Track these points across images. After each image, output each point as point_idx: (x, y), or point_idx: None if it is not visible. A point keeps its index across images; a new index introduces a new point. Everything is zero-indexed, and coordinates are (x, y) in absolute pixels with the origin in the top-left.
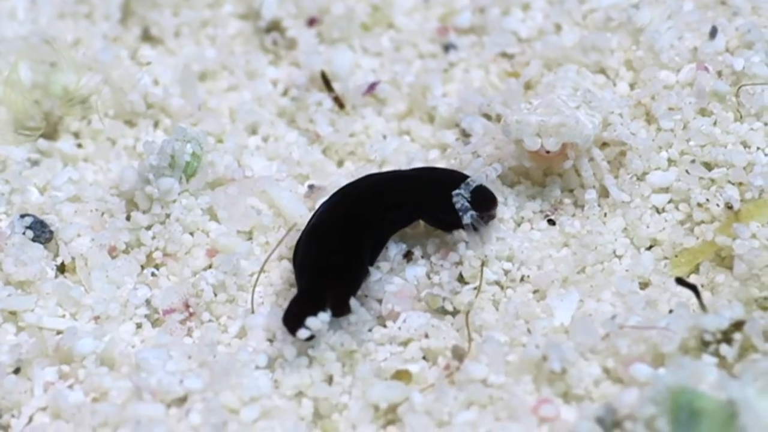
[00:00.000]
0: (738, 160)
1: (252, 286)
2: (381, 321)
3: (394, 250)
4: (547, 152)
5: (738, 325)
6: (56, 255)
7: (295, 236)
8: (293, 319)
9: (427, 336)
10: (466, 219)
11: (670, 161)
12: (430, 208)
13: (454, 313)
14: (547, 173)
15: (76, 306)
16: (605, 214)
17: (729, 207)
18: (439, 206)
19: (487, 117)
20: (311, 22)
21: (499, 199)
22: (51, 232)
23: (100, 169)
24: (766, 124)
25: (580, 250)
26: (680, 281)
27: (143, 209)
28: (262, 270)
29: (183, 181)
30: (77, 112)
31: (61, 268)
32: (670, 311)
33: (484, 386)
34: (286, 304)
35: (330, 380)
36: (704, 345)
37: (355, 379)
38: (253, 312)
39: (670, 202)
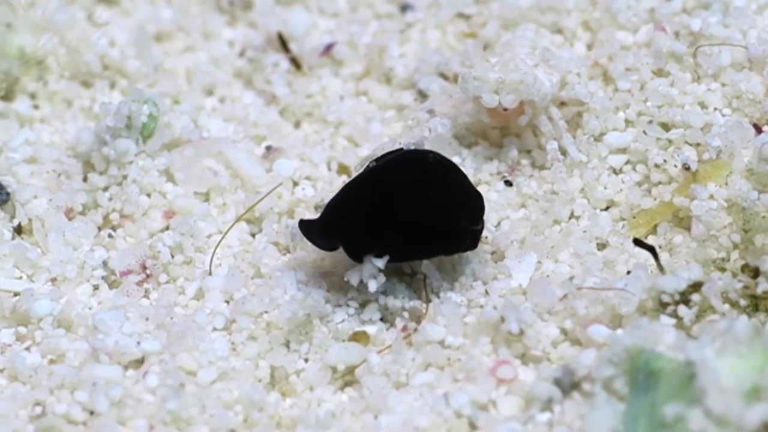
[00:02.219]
0: (695, 121)
1: (211, 248)
2: (337, 282)
3: None
4: (505, 109)
5: (696, 286)
6: (13, 216)
7: (252, 198)
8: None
9: (384, 296)
10: None
11: (627, 122)
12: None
13: (412, 274)
14: (504, 133)
15: (33, 268)
16: (563, 174)
17: (686, 168)
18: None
19: (445, 77)
20: None
21: (456, 160)
22: (7, 194)
23: (56, 130)
24: (723, 85)
25: (537, 211)
26: (638, 242)
27: (100, 171)
28: (224, 235)
29: (140, 142)
30: (34, 73)
31: (18, 230)
32: (628, 272)
33: (441, 348)
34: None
35: (287, 345)
36: (662, 306)
37: (312, 345)
38: (210, 274)
39: (627, 163)
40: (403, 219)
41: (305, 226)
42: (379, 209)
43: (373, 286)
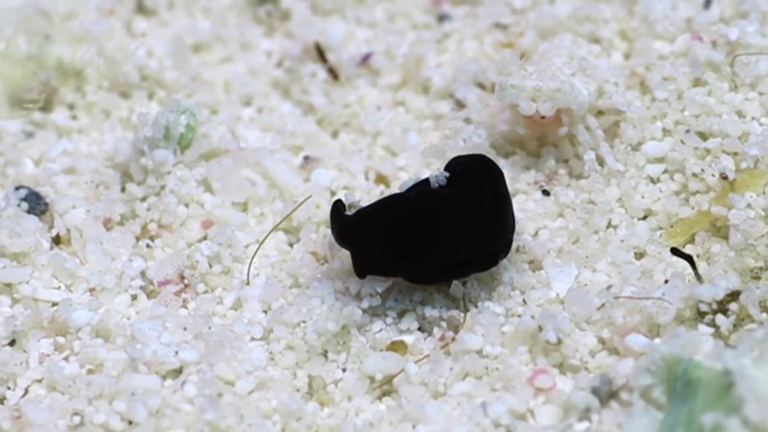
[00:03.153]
0: (733, 129)
1: (248, 258)
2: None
3: None
4: (542, 118)
5: (733, 295)
6: (51, 227)
7: (289, 207)
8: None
9: (422, 306)
10: None
11: (664, 131)
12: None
13: (449, 284)
14: (542, 142)
15: (71, 278)
16: (601, 183)
17: (724, 177)
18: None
19: (482, 87)
20: None
21: None
22: (46, 204)
23: (94, 140)
24: (761, 94)
25: (574, 220)
26: (675, 251)
27: (138, 181)
28: (261, 244)
29: (177, 152)
30: (72, 84)
31: (56, 240)
32: (666, 281)
33: (479, 357)
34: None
35: (325, 354)
36: (700, 315)
37: (350, 354)
38: (248, 283)
39: (665, 172)
40: (433, 249)
41: (339, 210)
42: (410, 234)
43: (365, 304)
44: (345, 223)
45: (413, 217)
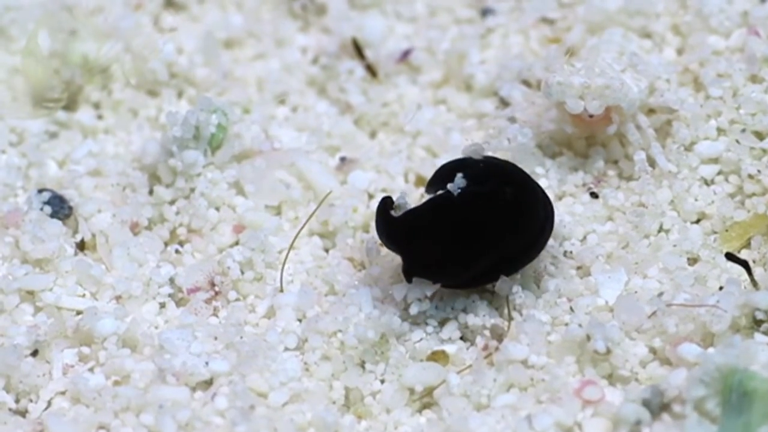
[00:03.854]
0: None
1: (281, 263)
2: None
3: None
4: (590, 116)
5: None
6: (75, 232)
7: (325, 210)
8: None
9: (465, 314)
10: None
11: (719, 130)
12: None
13: (493, 291)
14: (590, 142)
15: (97, 285)
16: (652, 185)
17: None
18: None
19: (527, 84)
20: None
21: (540, 170)
22: (70, 208)
23: (121, 141)
24: None
25: (624, 224)
26: (730, 256)
27: (166, 183)
28: (291, 246)
29: (208, 153)
30: (97, 82)
31: (81, 246)
32: (720, 288)
33: (524, 367)
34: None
35: (363, 365)
36: (756, 323)
37: (388, 365)
38: (282, 291)
39: (719, 173)
40: (486, 247)
41: (387, 210)
42: (460, 238)
43: (414, 309)
44: (393, 224)
45: (466, 217)
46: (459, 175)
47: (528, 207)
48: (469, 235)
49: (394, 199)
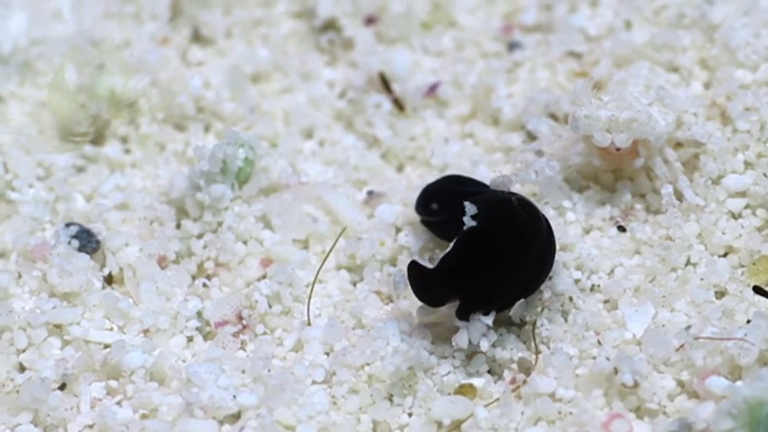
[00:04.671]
0: None
1: (308, 297)
2: (443, 333)
3: None
4: (618, 149)
5: None
6: (103, 265)
7: (352, 244)
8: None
9: (492, 348)
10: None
11: (746, 164)
12: None
13: (521, 324)
14: (618, 176)
15: (124, 318)
16: (679, 219)
17: None
18: None
19: (554, 118)
20: (369, 20)
21: (567, 204)
22: (98, 242)
23: (148, 175)
24: None
25: (651, 257)
26: (758, 290)
27: (194, 217)
28: (316, 279)
29: (235, 187)
30: (125, 116)
31: (109, 279)
32: (748, 321)
33: (552, 401)
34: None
35: (390, 398)
36: None
37: (416, 398)
38: (309, 324)
39: (747, 207)
40: (517, 272)
41: (416, 272)
42: (497, 263)
43: (485, 344)
44: (430, 280)
45: (500, 241)
46: (468, 204)
47: (534, 214)
48: (508, 254)
49: (417, 260)
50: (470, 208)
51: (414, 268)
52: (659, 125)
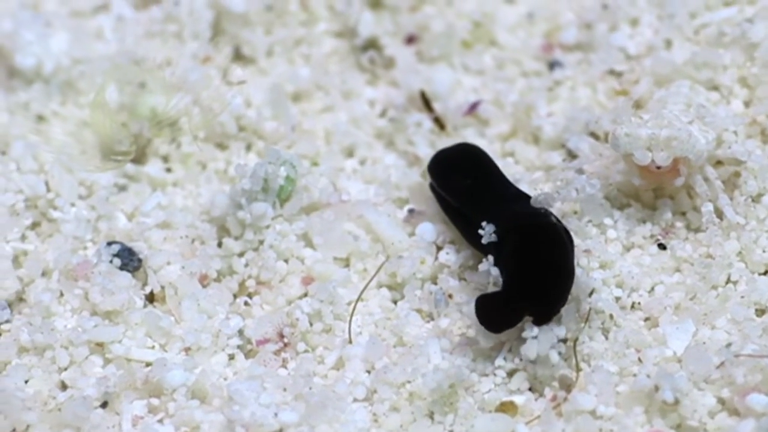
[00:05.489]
0: None
1: (349, 315)
2: (484, 350)
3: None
4: (658, 168)
5: None
6: (145, 284)
7: (393, 262)
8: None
9: (533, 365)
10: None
11: None
12: None
13: (562, 340)
14: (658, 194)
15: (166, 337)
16: (719, 237)
17: None
18: None
19: (595, 136)
20: (410, 39)
21: (608, 222)
22: (139, 260)
23: (190, 194)
24: None
25: (692, 275)
26: None
27: (235, 235)
28: (359, 299)
29: (277, 205)
30: (166, 135)
31: (150, 298)
32: None
33: (593, 418)
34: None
35: (431, 416)
36: None
37: (457, 416)
38: (350, 342)
39: None
40: (570, 273)
41: (486, 302)
42: (553, 271)
43: (555, 356)
44: (501, 305)
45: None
46: (486, 226)
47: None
48: (558, 259)
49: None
50: (489, 228)
51: (484, 301)
52: (699, 143)
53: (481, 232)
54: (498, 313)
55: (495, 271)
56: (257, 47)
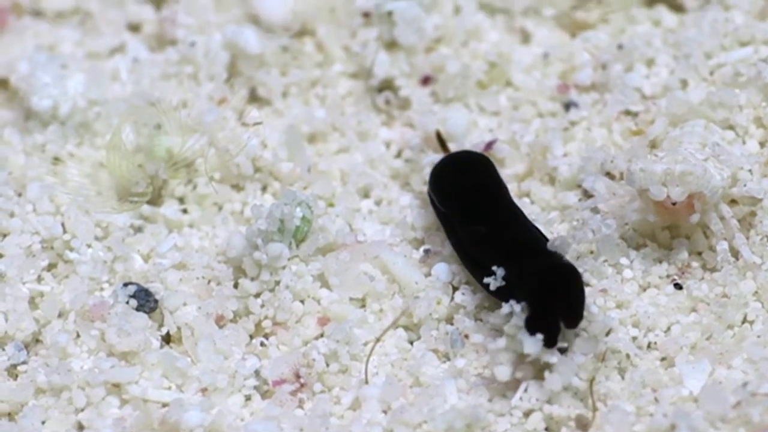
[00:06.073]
0: None
1: (366, 355)
2: (500, 390)
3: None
4: (673, 204)
5: None
6: (161, 325)
7: (422, 307)
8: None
9: (549, 405)
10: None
11: None
12: None
13: (579, 377)
14: (674, 233)
15: (183, 377)
16: (735, 276)
17: None
18: None
19: (610, 176)
20: (425, 80)
21: (624, 261)
22: (156, 301)
23: (206, 235)
24: None
25: (708, 315)
26: None
27: (251, 276)
28: (379, 340)
29: (293, 246)
30: (182, 176)
31: (167, 338)
32: None
33: None
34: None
35: None
36: None
37: None
38: (367, 383)
39: None
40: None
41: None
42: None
43: (577, 382)
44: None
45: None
46: (498, 270)
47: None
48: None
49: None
50: (500, 272)
51: (532, 321)
52: (715, 179)
53: (487, 280)
54: (542, 327)
55: (518, 308)
56: (273, 88)
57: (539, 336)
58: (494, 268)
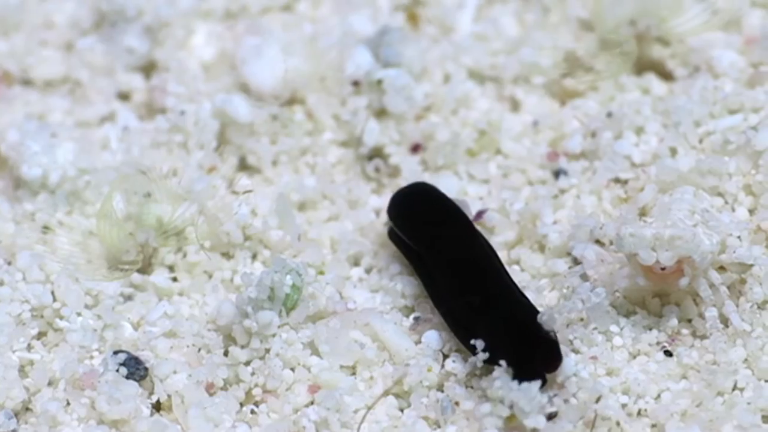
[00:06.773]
0: None
1: (357, 423)
2: None
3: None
4: (663, 269)
5: None
6: (151, 392)
7: (399, 370)
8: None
9: None
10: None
11: None
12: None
13: None
14: (664, 300)
15: None
16: (724, 343)
17: None
18: None
19: (600, 244)
20: (415, 148)
21: (615, 329)
22: (146, 369)
23: (196, 302)
24: None
25: (698, 382)
26: None
27: (242, 344)
28: (371, 408)
29: (283, 314)
30: (172, 244)
31: (157, 406)
32: None
33: None
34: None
35: None
36: None
37: None
38: None
39: None
40: None
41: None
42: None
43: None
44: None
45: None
46: (479, 343)
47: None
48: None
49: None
50: (480, 344)
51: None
52: (704, 244)
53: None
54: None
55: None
56: (263, 157)
57: (531, 384)
58: (473, 342)
